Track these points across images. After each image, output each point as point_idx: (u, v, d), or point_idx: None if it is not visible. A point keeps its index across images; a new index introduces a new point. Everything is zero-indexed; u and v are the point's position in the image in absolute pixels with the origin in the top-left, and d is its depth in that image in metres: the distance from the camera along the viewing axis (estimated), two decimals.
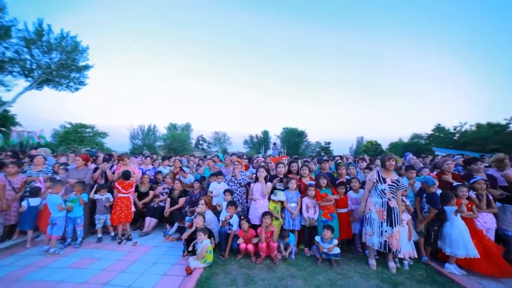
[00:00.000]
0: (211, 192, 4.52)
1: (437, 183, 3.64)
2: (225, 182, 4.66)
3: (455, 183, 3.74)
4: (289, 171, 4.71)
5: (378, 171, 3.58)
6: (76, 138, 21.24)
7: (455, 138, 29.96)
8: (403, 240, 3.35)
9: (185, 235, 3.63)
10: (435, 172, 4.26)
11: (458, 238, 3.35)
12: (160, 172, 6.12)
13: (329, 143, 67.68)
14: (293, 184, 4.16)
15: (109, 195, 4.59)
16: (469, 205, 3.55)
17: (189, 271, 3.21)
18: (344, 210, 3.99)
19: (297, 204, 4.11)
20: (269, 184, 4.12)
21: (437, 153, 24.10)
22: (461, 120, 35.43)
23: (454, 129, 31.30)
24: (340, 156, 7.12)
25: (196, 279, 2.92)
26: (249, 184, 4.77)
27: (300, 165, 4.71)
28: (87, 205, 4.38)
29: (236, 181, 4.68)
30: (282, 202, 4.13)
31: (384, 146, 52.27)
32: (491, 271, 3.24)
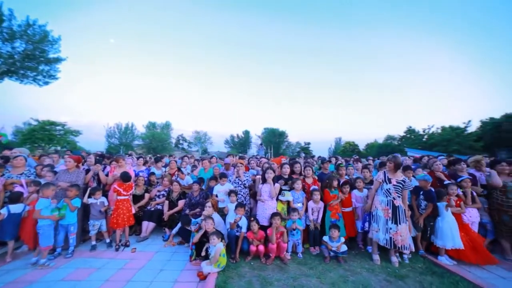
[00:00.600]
0: (216, 196, 4.42)
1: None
2: (229, 183, 4.60)
3: (446, 182, 4.10)
4: (292, 172, 4.79)
5: (385, 171, 3.80)
6: (44, 137, 19.26)
7: (424, 139, 32.66)
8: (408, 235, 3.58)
9: (196, 239, 3.51)
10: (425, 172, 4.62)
11: (448, 231, 3.69)
12: (153, 173, 5.85)
13: (308, 143, 69.81)
14: (298, 184, 4.24)
15: (104, 198, 4.29)
16: (458, 202, 3.92)
17: (201, 276, 3.12)
18: (349, 209, 4.17)
19: (303, 204, 4.20)
20: (277, 185, 4.15)
21: (409, 154, 25.99)
22: (429, 123, 38.85)
23: (423, 131, 34.16)
24: (335, 157, 7.40)
25: (213, 284, 2.85)
26: (252, 185, 4.78)
27: (302, 166, 4.80)
28: (79, 210, 4.04)
29: (240, 183, 4.64)
30: (288, 203, 4.19)
31: (361, 147, 55.17)
32: (476, 260, 3.60)
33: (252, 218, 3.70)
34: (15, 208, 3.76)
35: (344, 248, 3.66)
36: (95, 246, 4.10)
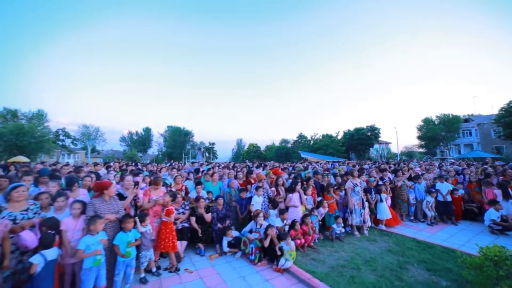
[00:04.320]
0: (253, 205, 5.21)
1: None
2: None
3: (379, 183, 7.04)
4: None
5: (350, 180, 6.09)
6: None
7: (310, 144, 42.93)
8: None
9: (266, 244, 4.30)
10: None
11: (384, 210, 6.53)
12: None
13: (213, 143, 72.01)
14: (309, 191, 5.83)
15: (149, 225, 4.00)
16: (384, 193, 6.91)
17: (280, 271, 4.06)
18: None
19: (312, 205, 5.83)
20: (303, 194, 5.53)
21: (303, 155, 33.53)
22: (315, 131, 51.44)
23: (311, 137, 44.82)
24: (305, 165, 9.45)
25: (304, 272, 3.90)
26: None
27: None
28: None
29: (266, 194, 5.63)
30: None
31: (262, 148, 63.22)
32: (393, 223, 6.64)
33: (297, 221, 4.91)
34: (51, 254, 2.98)
35: (343, 230, 5.64)
36: (145, 278, 3.81)
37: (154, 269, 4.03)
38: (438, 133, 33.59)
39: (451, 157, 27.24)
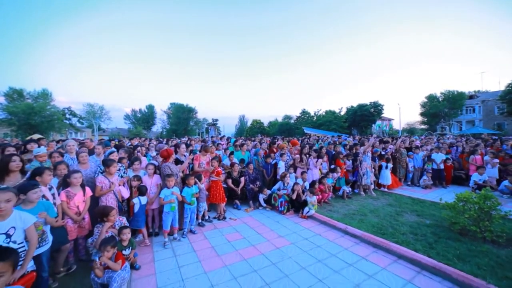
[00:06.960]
0: (279, 168, 6.31)
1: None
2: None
3: (382, 152, 8.08)
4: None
5: (363, 147, 7.11)
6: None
7: (314, 120, 43.54)
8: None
9: (294, 196, 5.46)
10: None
11: (386, 176, 7.66)
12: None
13: (216, 120, 72.45)
14: (324, 158, 6.88)
15: (203, 184, 5.08)
16: (384, 161, 7.98)
17: (305, 217, 5.24)
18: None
19: (327, 170, 6.92)
20: (319, 160, 6.58)
21: (306, 131, 34.42)
22: (318, 107, 51.91)
23: (314, 113, 45.26)
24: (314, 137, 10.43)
25: (324, 216, 5.08)
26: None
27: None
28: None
29: (289, 160, 6.69)
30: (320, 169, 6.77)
31: (265, 124, 63.78)
32: (395, 186, 7.82)
33: (316, 181, 6.02)
34: (144, 199, 4.09)
35: (350, 189, 6.81)
36: (202, 223, 5.00)
37: (207, 217, 5.21)
38: (441, 109, 33.93)
39: (451, 133, 28.12)
